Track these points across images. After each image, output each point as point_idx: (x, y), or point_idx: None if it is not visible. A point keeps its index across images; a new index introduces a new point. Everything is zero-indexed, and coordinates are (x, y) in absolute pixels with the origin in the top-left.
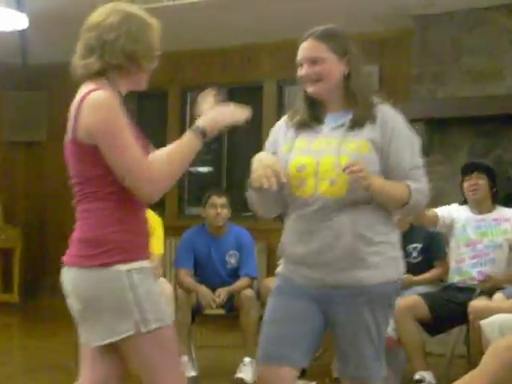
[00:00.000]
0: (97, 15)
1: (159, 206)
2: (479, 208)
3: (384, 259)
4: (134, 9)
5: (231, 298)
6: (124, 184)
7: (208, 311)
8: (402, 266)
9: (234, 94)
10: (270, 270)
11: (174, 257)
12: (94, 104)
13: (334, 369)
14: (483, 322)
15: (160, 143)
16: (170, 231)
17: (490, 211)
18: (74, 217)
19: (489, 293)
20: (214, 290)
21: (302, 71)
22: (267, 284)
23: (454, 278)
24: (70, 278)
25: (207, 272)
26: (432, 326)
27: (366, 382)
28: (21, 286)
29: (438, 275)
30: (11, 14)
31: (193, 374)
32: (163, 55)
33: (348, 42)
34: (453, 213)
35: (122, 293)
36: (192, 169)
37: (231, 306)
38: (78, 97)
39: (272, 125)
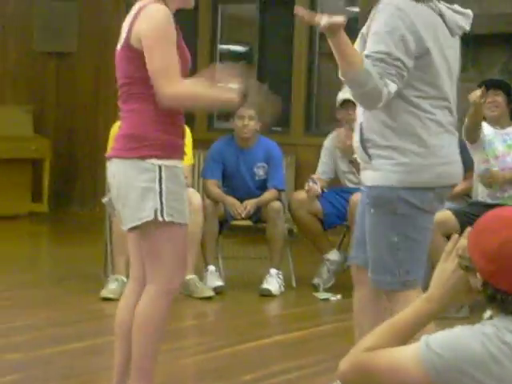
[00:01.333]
0: None
1: (189, 119)
2: (499, 123)
3: (389, 164)
4: None
5: (258, 209)
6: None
7: (235, 222)
8: (416, 175)
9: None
10: (298, 184)
11: (202, 169)
12: (151, 13)
13: None
14: None
15: (191, 56)
16: (199, 144)
17: (510, 125)
18: (101, 128)
19: None
20: (241, 201)
21: None
22: (297, 197)
23: (483, 193)
24: (112, 169)
25: (235, 183)
26: None
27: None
28: (50, 195)
29: (467, 188)
30: None
31: (219, 283)
32: None
33: None
34: (483, 128)
35: (150, 183)
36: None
37: (258, 218)
38: (134, 9)
39: (303, 38)
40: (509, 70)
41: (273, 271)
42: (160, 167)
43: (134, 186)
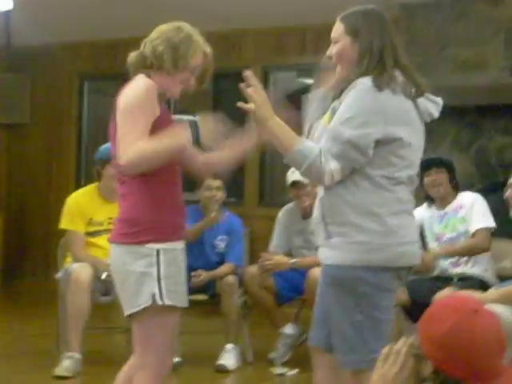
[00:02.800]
0: (163, 25)
1: None
2: (443, 203)
3: (346, 242)
4: (192, 30)
5: (214, 283)
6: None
7: (190, 297)
8: (374, 254)
9: (219, 80)
10: (253, 257)
11: None
12: (134, 84)
13: None
14: None
15: None
16: None
17: (451, 203)
18: (53, 201)
19: (463, 279)
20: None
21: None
22: (249, 272)
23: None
24: (111, 253)
25: (196, 252)
26: (412, 311)
27: (346, 368)
28: (1, 269)
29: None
30: None
31: (177, 359)
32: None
33: (361, 21)
34: (418, 219)
35: (148, 268)
36: None
37: (213, 292)
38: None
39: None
40: (459, 142)
41: (228, 346)
42: (158, 251)
43: (131, 272)
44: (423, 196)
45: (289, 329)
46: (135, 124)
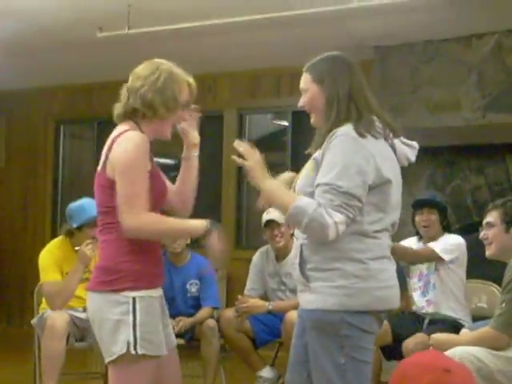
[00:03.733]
0: (139, 68)
1: None
2: (430, 241)
3: (327, 286)
4: (169, 66)
5: (192, 327)
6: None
7: None
8: (355, 298)
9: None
10: (230, 299)
11: None
12: (125, 141)
13: None
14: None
15: None
16: None
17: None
18: (29, 245)
19: (435, 322)
20: (172, 317)
21: None
22: (225, 315)
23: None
24: (88, 300)
25: (167, 299)
26: (390, 349)
27: None
28: None
29: (403, 307)
30: None
31: None
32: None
33: (326, 68)
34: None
35: (123, 316)
36: None
37: (191, 336)
38: (112, 135)
39: (232, 153)
40: (434, 183)
41: None
42: (134, 299)
43: (107, 319)
44: (414, 231)
45: (266, 372)
46: (138, 187)
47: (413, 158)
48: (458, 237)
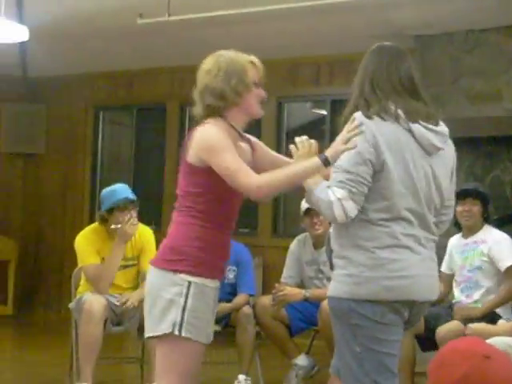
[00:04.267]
0: (202, 64)
1: (156, 222)
2: (470, 233)
3: (340, 274)
4: (229, 53)
5: (228, 314)
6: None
7: None
8: (362, 287)
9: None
10: (266, 287)
11: None
12: (201, 136)
13: None
14: None
15: (159, 157)
16: None
17: (475, 234)
18: (68, 231)
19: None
20: None
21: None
22: (261, 303)
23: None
24: (148, 275)
25: None
26: (424, 340)
27: None
28: (15, 298)
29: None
30: (12, 26)
31: None
32: (164, 70)
33: (363, 60)
34: (448, 248)
35: (176, 296)
36: None
37: (227, 323)
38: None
39: (268, 140)
40: (474, 173)
41: (241, 377)
42: (189, 283)
43: (161, 297)
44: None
45: (301, 360)
46: (236, 161)
47: (440, 145)
48: (503, 235)
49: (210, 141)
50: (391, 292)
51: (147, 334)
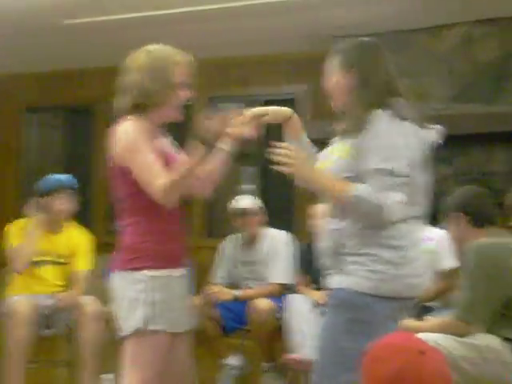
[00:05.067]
0: (129, 59)
1: (88, 223)
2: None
3: (362, 270)
4: (159, 50)
5: None
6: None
7: None
8: (388, 284)
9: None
10: (200, 287)
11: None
12: (119, 133)
13: None
14: None
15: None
16: (100, 247)
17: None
18: None
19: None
20: None
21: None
22: (195, 302)
23: None
24: (111, 279)
25: None
26: None
27: None
28: None
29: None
30: None
31: None
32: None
33: (355, 55)
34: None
35: (140, 293)
36: None
37: None
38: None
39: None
40: None
41: None
42: (151, 277)
43: (126, 296)
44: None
45: (233, 360)
46: (148, 162)
47: (439, 140)
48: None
49: (125, 144)
50: (410, 289)
51: (122, 334)
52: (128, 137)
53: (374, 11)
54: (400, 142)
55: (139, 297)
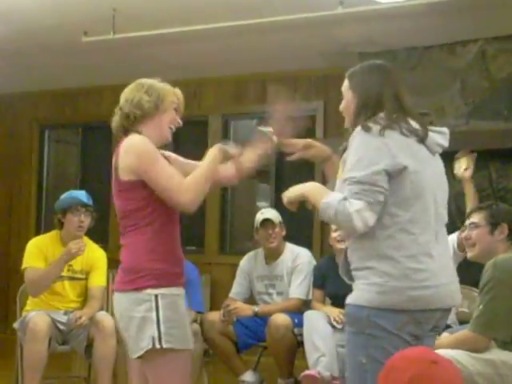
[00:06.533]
0: (125, 90)
1: (102, 239)
2: None
3: (362, 283)
4: (149, 80)
5: None
6: (165, 201)
7: None
8: (386, 297)
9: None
10: (214, 303)
11: None
12: (128, 146)
13: None
14: None
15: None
16: (114, 263)
17: None
18: (13, 250)
19: None
20: None
21: None
22: (208, 318)
23: None
24: (115, 301)
25: None
26: None
27: None
28: None
29: None
30: None
31: None
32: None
33: (361, 78)
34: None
35: (147, 313)
36: None
37: None
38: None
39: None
40: None
41: None
42: (156, 296)
43: (133, 317)
44: None
45: (248, 376)
46: (166, 170)
47: (446, 144)
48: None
49: (138, 154)
50: (417, 302)
51: (132, 356)
52: (140, 149)
53: (390, 28)
54: (368, 153)
55: (146, 316)
